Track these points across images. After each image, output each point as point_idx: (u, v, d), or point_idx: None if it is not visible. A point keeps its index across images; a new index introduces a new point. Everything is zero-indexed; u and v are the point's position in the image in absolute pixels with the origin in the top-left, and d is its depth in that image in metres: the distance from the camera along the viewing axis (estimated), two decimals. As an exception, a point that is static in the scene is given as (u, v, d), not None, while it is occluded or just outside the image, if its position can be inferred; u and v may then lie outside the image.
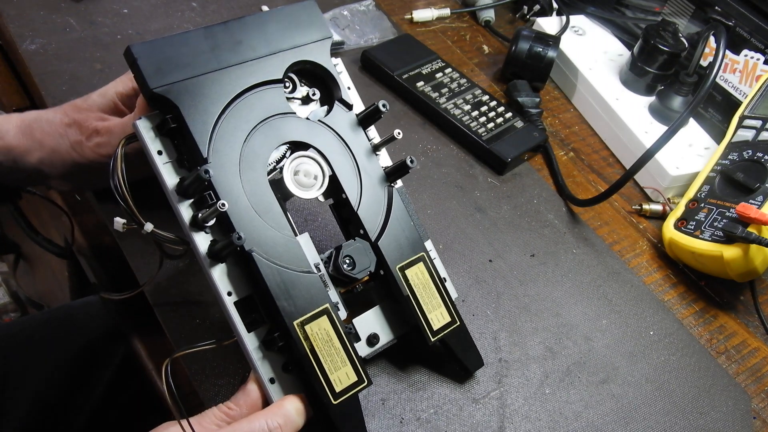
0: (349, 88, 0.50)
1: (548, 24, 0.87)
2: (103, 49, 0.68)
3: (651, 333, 0.60)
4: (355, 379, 0.43)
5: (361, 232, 0.47)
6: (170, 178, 0.41)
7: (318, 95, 0.49)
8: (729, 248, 0.60)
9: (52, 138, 0.48)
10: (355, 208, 0.47)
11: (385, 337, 0.48)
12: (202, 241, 0.41)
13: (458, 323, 0.49)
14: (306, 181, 0.46)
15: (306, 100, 0.49)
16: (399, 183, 0.51)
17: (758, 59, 0.74)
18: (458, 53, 0.85)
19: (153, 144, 0.41)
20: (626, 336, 0.59)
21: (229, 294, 0.41)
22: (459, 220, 0.64)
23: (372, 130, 0.51)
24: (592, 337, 0.58)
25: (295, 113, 0.47)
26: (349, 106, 0.49)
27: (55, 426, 0.72)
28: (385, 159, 0.51)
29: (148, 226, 0.41)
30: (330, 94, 0.49)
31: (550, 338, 0.57)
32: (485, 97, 0.75)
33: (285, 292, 0.42)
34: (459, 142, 0.72)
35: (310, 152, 0.47)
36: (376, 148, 0.50)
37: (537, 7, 0.92)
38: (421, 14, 0.87)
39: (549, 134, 0.76)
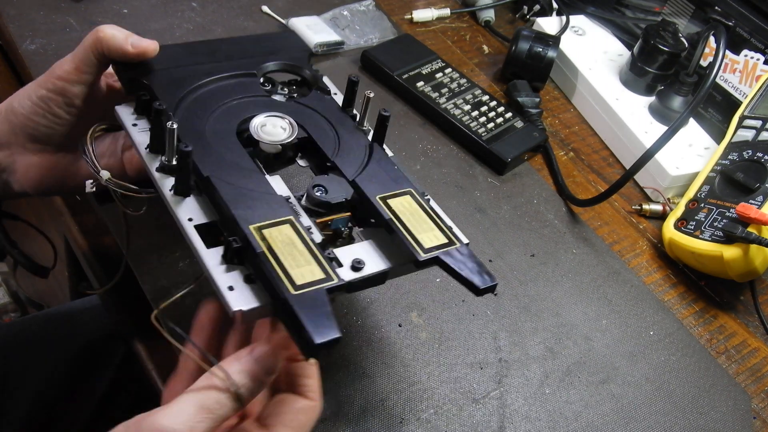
0: (335, 94, 0.50)
1: (548, 24, 0.87)
2: (103, 49, 0.67)
3: (651, 333, 0.60)
4: (322, 276, 0.37)
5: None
6: (142, 141, 0.43)
7: (297, 92, 0.50)
8: (729, 248, 0.60)
9: (18, 92, 0.48)
10: (332, 158, 0.45)
11: (373, 265, 0.41)
12: (168, 183, 0.41)
13: (458, 244, 0.42)
14: (273, 130, 0.45)
15: (286, 96, 0.50)
16: (390, 153, 0.48)
17: (758, 59, 0.74)
18: (458, 53, 0.85)
19: (128, 119, 0.45)
20: (626, 336, 0.59)
21: (190, 219, 0.40)
22: (459, 220, 0.64)
23: (354, 111, 0.50)
24: (592, 337, 0.58)
25: (270, 96, 0.48)
26: (327, 92, 0.50)
27: (55, 426, 0.72)
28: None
29: (104, 173, 0.43)
30: (309, 88, 0.50)
31: (550, 338, 0.57)
32: (485, 97, 0.75)
33: (243, 204, 0.39)
34: (459, 142, 0.72)
35: (282, 114, 0.47)
36: (360, 123, 0.48)
37: (537, 7, 0.92)
38: (421, 14, 0.87)
39: (549, 134, 0.76)
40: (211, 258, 0.38)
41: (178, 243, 0.54)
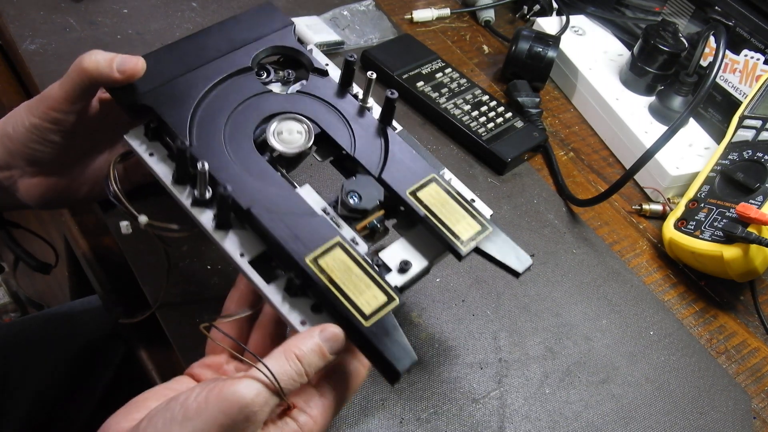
0: (327, 65, 0.50)
1: (548, 24, 0.87)
2: (103, 49, 0.67)
3: (651, 333, 0.60)
4: (385, 299, 0.40)
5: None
6: (164, 171, 0.43)
7: (294, 75, 0.50)
8: (729, 248, 0.60)
9: (12, 115, 0.47)
10: (352, 153, 0.46)
11: (418, 263, 0.44)
12: (207, 217, 0.42)
13: (491, 229, 0.45)
14: (289, 137, 0.46)
15: (285, 83, 0.50)
16: (399, 127, 0.50)
17: (758, 59, 0.74)
18: (458, 53, 0.85)
19: (142, 148, 0.44)
20: (626, 336, 0.59)
21: (242, 255, 0.41)
22: (459, 220, 0.64)
23: (355, 88, 0.50)
24: (592, 337, 0.58)
25: (271, 91, 0.48)
26: (325, 73, 0.50)
27: (55, 426, 0.72)
28: (377, 112, 0.50)
29: (142, 218, 0.42)
30: (306, 71, 0.50)
31: (550, 338, 0.57)
32: (485, 97, 0.75)
33: (292, 236, 0.40)
34: (459, 142, 0.72)
35: (292, 115, 0.47)
36: (363, 101, 0.49)
37: (537, 7, 0.92)
38: (421, 14, 0.87)
39: (549, 134, 0.76)
40: (275, 294, 0.40)
41: (178, 243, 0.54)
